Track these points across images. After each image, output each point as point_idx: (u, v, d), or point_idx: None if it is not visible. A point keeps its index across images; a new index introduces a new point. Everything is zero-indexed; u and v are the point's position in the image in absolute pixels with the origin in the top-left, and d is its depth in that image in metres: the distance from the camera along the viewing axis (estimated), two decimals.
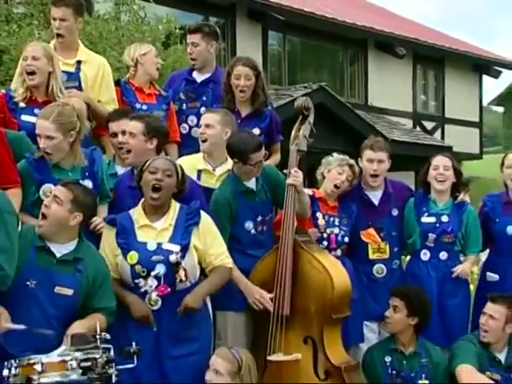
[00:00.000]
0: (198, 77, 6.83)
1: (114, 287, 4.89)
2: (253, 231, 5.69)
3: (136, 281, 4.87)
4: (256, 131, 6.28)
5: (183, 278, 4.87)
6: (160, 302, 4.86)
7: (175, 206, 5.07)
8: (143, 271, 4.86)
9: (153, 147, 5.43)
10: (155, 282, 4.85)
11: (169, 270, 4.85)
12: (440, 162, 6.37)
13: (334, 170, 6.16)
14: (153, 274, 4.85)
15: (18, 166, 5.20)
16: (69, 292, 4.67)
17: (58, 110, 5.26)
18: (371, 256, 6.29)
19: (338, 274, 5.59)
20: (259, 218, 5.71)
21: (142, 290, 4.85)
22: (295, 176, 5.62)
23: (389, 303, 5.85)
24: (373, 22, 21.04)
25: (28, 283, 4.59)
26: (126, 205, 5.22)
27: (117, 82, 6.60)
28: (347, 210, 6.27)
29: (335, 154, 6.32)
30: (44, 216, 4.70)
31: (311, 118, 5.81)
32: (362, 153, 6.37)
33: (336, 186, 6.16)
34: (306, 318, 5.50)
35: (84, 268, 4.74)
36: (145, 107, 6.33)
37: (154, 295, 4.84)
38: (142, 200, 5.07)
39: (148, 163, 5.03)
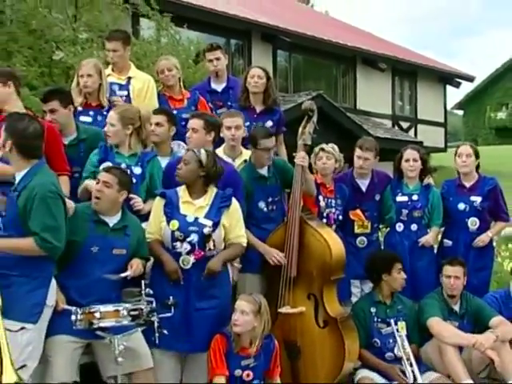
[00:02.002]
0: (218, 87, 6.76)
1: (155, 247, 4.88)
2: (265, 209, 5.64)
3: (174, 243, 4.82)
4: (269, 123, 6.28)
5: (212, 247, 4.84)
6: (191, 263, 4.80)
7: (212, 190, 5.00)
8: (180, 236, 4.82)
9: (211, 139, 5.37)
10: (188, 247, 4.80)
11: (201, 240, 4.81)
12: (410, 155, 6.41)
13: (324, 158, 6.12)
14: (188, 240, 4.81)
15: (94, 150, 5.27)
16: (123, 252, 4.69)
17: (125, 107, 5.51)
18: (356, 230, 6.32)
19: (336, 245, 5.56)
20: (270, 199, 5.66)
21: (178, 251, 4.80)
22: (302, 158, 5.57)
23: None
24: (360, 43, 21.41)
25: (92, 249, 4.59)
26: (173, 184, 5.12)
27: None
28: (342, 192, 6.25)
29: (323, 147, 6.24)
30: (98, 197, 4.68)
31: (315, 118, 5.73)
32: (354, 149, 6.37)
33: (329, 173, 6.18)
34: (309, 278, 5.47)
35: (130, 232, 4.76)
36: (175, 112, 6.17)
37: (187, 257, 4.79)
38: None
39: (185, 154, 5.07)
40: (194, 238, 4.81)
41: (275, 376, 5.02)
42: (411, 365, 5.49)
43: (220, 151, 5.72)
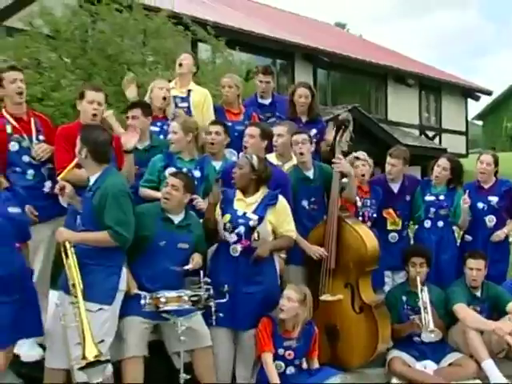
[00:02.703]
0: (264, 101, 6.77)
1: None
2: (307, 208, 5.60)
3: (224, 233, 4.86)
4: (314, 131, 6.26)
5: (256, 238, 4.84)
6: (239, 252, 4.82)
7: (264, 190, 5.00)
8: (230, 228, 4.84)
9: (264, 146, 5.39)
10: (236, 237, 4.82)
11: (247, 231, 4.82)
12: (441, 163, 6.38)
13: (361, 166, 6.12)
14: (236, 231, 4.83)
15: (155, 157, 5.31)
16: (186, 246, 4.71)
17: (185, 118, 5.58)
18: (389, 227, 6.27)
19: (370, 240, 5.52)
20: (312, 199, 5.62)
21: (227, 240, 4.83)
22: (339, 164, 5.54)
23: (414, 261, 5.75)
24: (391, 62, 21.26)
25: (160, 243, 4.63)
26: (227, 186, 5.13)
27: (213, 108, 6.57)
28: (376, 193, 6.23)
29: (358, 155, 6.23)
30: (167, 198, 4.72)
31: (351, 128, 5.71)
32: (387, 156, 6.37)
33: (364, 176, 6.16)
34: (346, 270, 5.44)
35: (193, 229, 4.79)
36: (230, 124, 6.19)
37: (235, 246, 4.82)
38: None
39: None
40: (241, 229, 4.82)
41: (314, 357, 5.00)
42: (427, 313, 5.44)
43: (272, 156, 5.74)
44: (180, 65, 6.38)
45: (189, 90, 6.36)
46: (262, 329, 4.80)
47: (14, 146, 4.85)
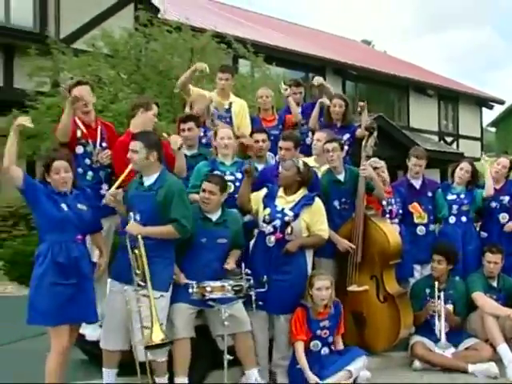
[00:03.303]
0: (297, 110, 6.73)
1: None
2: (338, 207, 5.55)
3: (263, 224, 4.86)
4: (347, 136, 6.26)
5: (289, 232, 4.82)
6: (273, 243, 4.81)
7: (303, 191, 5.00)
8: (268, 220, 4.84)
9: (298, 154, 5.44)
10: (271, 229, 4.81)
11: (282, 225, 4.82)
12: (464, 166, 6.39)
13: (381, 174, 6.03)
14: (272, 223, 4.82)
15: (200, 163, 5.27)
16: (224, 241, 4.69)
17: (230, 128, 5.62)
18: (416, 220, 6.19)
19: (393, 236, 5.48)
20: (343, 200, 5.57)
21: (263, 230, 4.84)
22: (364, 169, 5.51)
23: (433, 258, 5.66)
24: (412, 75, 21.04)
25: (202, 240, 4.63)
26: (269, 183, 5.17)
27: (250, 117, 6.56)
28: (399, 192, 6.19)
29: (376, 161, 6.11)
30: (207, 203, 4.70)
31: (375, 134, 5.67)
32: (410, 157, 6.35)
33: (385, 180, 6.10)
34: (372, 263, 5.40)
35: (229, 225, 4.75)
36: (266, 129, 6.22)
37: (270, 237, 4.82)
38: None
39: (282, 162, 5.12)
40: (277, 222, 4.82)
41: (339, 336, 4.99)
42: (440, 321, 5.37)
43: (311, 160, 5.74)
44: (220, 79, 6.33)
45: (230, 103, 6.35)
46: (296, 318, 4.81)
47: (79, 149, 4.91)
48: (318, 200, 4.98)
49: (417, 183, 6.30)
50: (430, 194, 6.30)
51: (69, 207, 4.13)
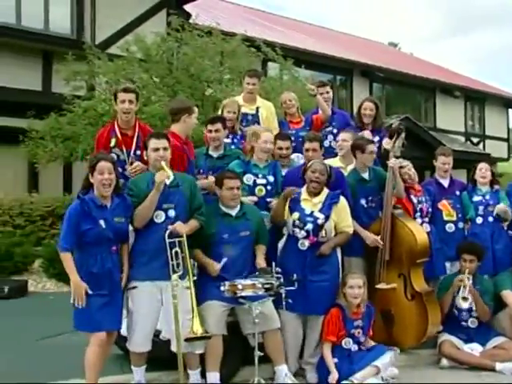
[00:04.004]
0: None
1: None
2: (365, 206, 5.52)
3: (293, 229, 4.83)
4: (377, 138, 6.21)
5: (323, 235, 4.81)
6: (306, 246, 4.79)
7: (325, 190, 4.99)
8: (299, 224, 4.82)
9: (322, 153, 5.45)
10: (304, 233, 4.79)
11: (315, 228, 4.80)
12: (483, 166, 6.35)
13: (408, 173, 5.96)
14: (305, 228, 4.80)
15: (233, 163, 5.23)
16: (247, 233, 4.69)
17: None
18: (445, 218, 6.13)
19: (420, 235, 5.43)
20: (370, 198, 5.54)
21: (296, 235, 4.81)
22: (394, 163, 5.47)
23: (464, 258, 5.58)
24: (439, 76, 20.79)
25: (224, 236, 4.63)
26: (295, 185, 5.12)
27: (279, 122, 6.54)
28: (428, 191, 6.13)
29: (404, 162, 6.01)
30: (235, 199, 4.71)
31: (403, 135, 5.63)
32: (437, 156, 6.30)
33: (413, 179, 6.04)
34: (399, 261, 5.36)
35: (250, 217, 4.75)
36: (293, 131, 6.23)
37: (304, 241, 4.78)
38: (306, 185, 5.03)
39: (310, 164, 5.03)
40: (309, 226, 4.79)
41: (370, 334, 4.98)
42: (465, 287, 5.39)
43: (336, 160, 5.73)
44: (248, 83, 6.27)
45: (257, 107, 6.31)
46: (329, 318, 4.81)
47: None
48: (342, 197, 4.98)
49: (445, 182, 6.26)
50: (457, 193, 6.27)
51: (106, 222, 4.09)
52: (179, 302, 4.13)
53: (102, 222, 4.09)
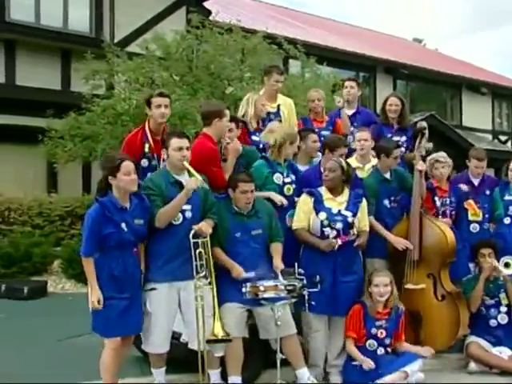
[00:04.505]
0: (348, 111, 6.59)
1: (303, 233, 4.82)
2: (388, 206, 5.49)
3: (323, 229, 4.78)
4: (403, 138, 6.16)
5: (355, 233, 4.82)
6: (337, 246, 4.74)
7: (346, 190, 4.96)
8: (329, 224, 4.78)
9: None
10: (335, 232, 4.76)
11: (345, 227, 4.78)
12: None
13: (441, 168, 5.91)
14: (334, 227, 4.77)
15: (257, 162, 5.15)
16: (259, 231, 4.65)
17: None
18: (470, 217, 6.03)
19: (450, 234, 5.40)
20: (392, 198, 5.51)
21: (326, 235, 4.76)
22: (422, 166, 5.45)
23: (482, 253, 5.52)
24: (465, 73, 20.54)
25: (236, 235, 4.60)
26: (313, 185, 5.09)
27: (301, 119, 6.46)
28: (456, 192, 6.01)
29: (439, 157, 5.98)
30: (249, 203, 4.65)
31: (427, 134, 5.63)
32: (471, 158, 6.12)
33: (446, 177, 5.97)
34: (429, 261, 5.32)
35: (261, 214, 4.70)
36: (316, 130, 6.09)
37: (333, 241, 4.73)
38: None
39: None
40: (339, 225, 4.77)
41: (401, 340, 4.90)
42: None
43: (353, 160, 5.65)
44: (277, 81, 6.16)
45: (278, 105, 6.24)
46: (352, 314, 4.80)
47: (144, 163, 4.83)
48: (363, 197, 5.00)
49: (476, 181, 6.16)
50: (487, 192, 6.13)
51: (128, 225, 4.07)
52: (199, 304, 4.14)
53: (123, 226, 4.06)
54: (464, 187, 6.09)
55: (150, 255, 4.32)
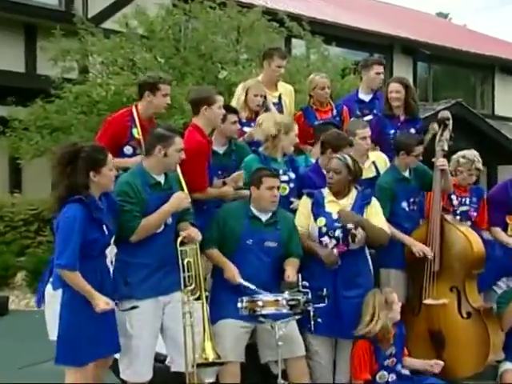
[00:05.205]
0: (365, 97, 6.63)
1: (307, 241, 4.85)
2: (407, 209, 5.50)
3: (321, 238, 4.82)
4: (412, 131, 6.10)
5: (356, 240, 4.80)
6: (336, 259, 4.77)
7: (354, 191, 4.99)
8: (325, 231, 4.81)
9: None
10: (334, 242, 4.79)
11: (345, 235, 4.79)
12: None
13: (466, 173, 5.84)
14: (333, 235, 4.80)
15: (248, 157, 5.24)
16: (274, 244, 4.68)
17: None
18: (509, 233, 5.95)
19: (476, 240, 5.39)
20: (411, 200, 5.52)
21: (323, 244, 4.79)
22: (442, 163, 5.46)
23: None
24: (499, 52, 20.47)
25: (248, 242, 4.64)
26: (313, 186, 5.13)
27: (301, 109, 6.53)
28: (478, 192, 6.02)
29: (465, 155, 5.91)
30: (275, 201, 4.73)
31: (450, 126, 5.61)
32: None
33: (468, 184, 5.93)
34: (452, 272, 5.33)
35: (281, 226, 4.75)
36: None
37: (334, 251, 4.77)
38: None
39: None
40: (338, 233, 4.80)
41: (406, 358, 4.96)
42: None
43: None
44: (280, 66, 6.20)
45: (280, 95, 6.30)
46: (359, 354, 4.76)
47: (128, 150, 4.91)
48: (373, 198, 5.01)
49: None
50: None
51: (107, 228, 4.04)
52: (188, 321, 4.19)
53: (105, 228, 4.04)
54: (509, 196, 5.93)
55: (128, 268, 4.31)
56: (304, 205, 4.96)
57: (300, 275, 4.54)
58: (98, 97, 9.54)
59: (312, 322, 4.47)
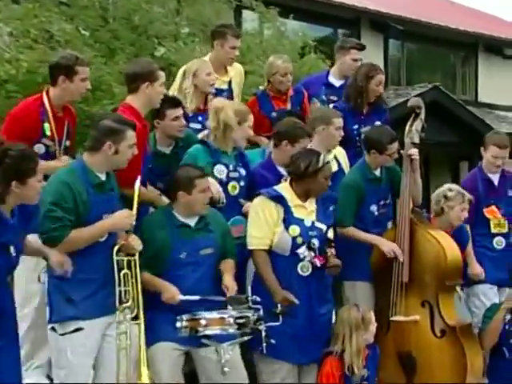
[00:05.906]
0: (336, 82, 6.77)
1: (264, 267, 4.85)
2: (375, 213, 5.63)
3: (296, 251, 4.86)
4: (377, 123, 6.26)
5: (333, 252, 4.90)
6: (310, 270, 4.86)
7: None
8: (301, 242, 4.86)
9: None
10: (312, 255, 4.86)
11: (322, 245, 4.88)
12: None
13: (458, 208, 5.85)
14: (309, 246, 4.86)
15: (194, 148, 5.29)
16: (209, 251, 4.76)
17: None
18: (493, 230, 6.20)
19: (450, 246, 5.50)
20: (381, 202, 5.67)
21: (301, 257, 4.84)
22: (413, 152, 5.57)
23: None
24: (484, 28, 20.58)
25: (180, 256, 4.69)
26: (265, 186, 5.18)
27: (254, 94, 6.62)
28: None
29: (452, 188, 5.97)
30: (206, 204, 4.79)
31: (422, 115, 5.70)
32: (487, 146, 6.27)
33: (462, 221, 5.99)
34: (423, 284, 5.44)
35: (213, 227, 4.81)
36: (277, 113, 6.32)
37: (307, 264, 4.84)
38: (288, 182, 5.06)
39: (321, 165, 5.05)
40: (315, 243, 4.87)
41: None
42: None
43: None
44: (233, 47, 6.31)
45: (230, 80, 6.40)
46: (328, 373, 4.86)
47: (39, 149, 4.79)
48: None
49: (495, 178, 6.30)
50: (510, 193, 6.30)
51: (14, 245, 3.87)
52: (123, 344, 4.21)
53: (12, 249, 3.86)
54: (478, 187, 6.20)
55: (69, 285, 4.30)
56: (269, 211, 4.91)
57: (250, 288, 4.61)
58: (5, 75, 9.32)
59: (264, 344, 4.50)
